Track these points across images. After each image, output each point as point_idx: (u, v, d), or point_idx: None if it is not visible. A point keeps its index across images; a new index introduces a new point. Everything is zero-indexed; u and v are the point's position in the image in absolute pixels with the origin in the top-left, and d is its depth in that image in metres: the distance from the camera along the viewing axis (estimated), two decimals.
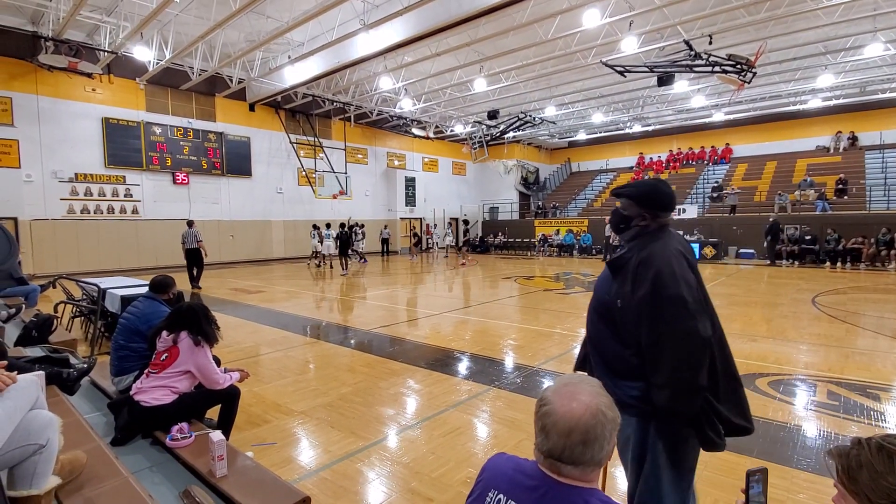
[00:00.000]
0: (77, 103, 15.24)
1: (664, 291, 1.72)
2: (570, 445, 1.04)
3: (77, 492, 2.01)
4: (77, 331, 6.87)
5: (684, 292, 1.71)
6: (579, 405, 1.06)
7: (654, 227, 1.88)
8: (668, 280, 1.72)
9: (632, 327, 1.80)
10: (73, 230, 15.21)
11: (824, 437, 3.53)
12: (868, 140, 22.35)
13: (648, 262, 1.77)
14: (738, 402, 1.83)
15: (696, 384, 1.69)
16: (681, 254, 1.81)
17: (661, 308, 1.71)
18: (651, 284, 1.74)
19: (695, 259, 1.89)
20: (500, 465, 1.22)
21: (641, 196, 1.89)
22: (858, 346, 6.12)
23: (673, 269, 1.74)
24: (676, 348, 1.70)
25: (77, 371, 3.37)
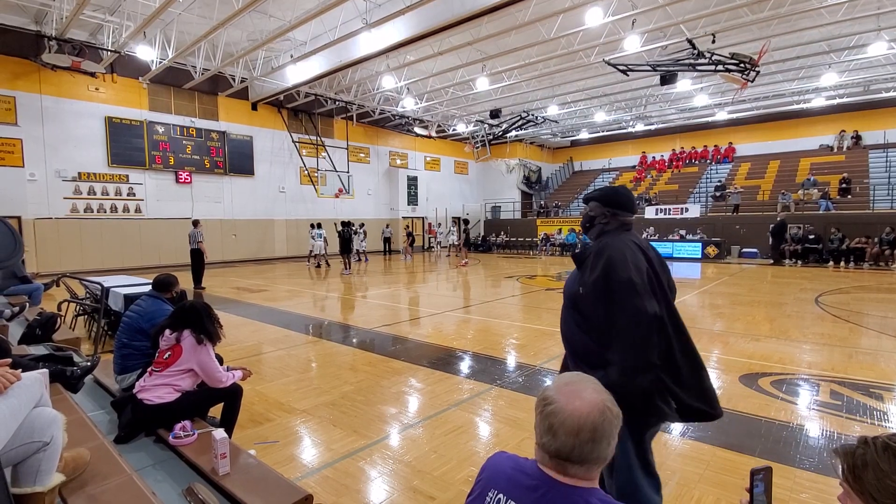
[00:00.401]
0: (80, 102, 15.29)
1: (614, 275, 1.87)
2: (580, 444, 1.03)
3: (81, 489, 2.02)
4: (80, 329, 6.90)
5: (633, 275, 1.85)
6: (585, 403, 1.06)
7: (614, 224, 2.10)
8: (619, 265, 1.88)
9: (591, 312, 1.96)
10: (77, 229, 15.27)
11: (827, 437, 3.52)
12: (872, 139, 22.26)
13: (602, 250, 1.97)
14: (701, 387, 1.93)
15: (646, 360, 1.80)
16: (636, 244, 1.98)
17: (612, 290, 1.87)
18: (603, 269, 1.91)
19: (656, 254, 2.08)
20: (500, 464, 1.22)
21: (604, 197, 2.14)
22: (862, 345, 6.10)
23: (624, 256, 1.91)
24: (626, 326, 1.82)
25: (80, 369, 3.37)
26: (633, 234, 2.09)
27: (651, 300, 1.84)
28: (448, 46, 14.59)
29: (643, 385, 1.80)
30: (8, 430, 1.67)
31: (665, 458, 3.24)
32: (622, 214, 2.10)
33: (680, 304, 9.26)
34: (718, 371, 5.10)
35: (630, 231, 2.10)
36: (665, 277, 2.02)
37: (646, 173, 27.62)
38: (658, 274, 1.97)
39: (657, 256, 2.06)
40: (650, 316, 1.81)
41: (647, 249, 2.03)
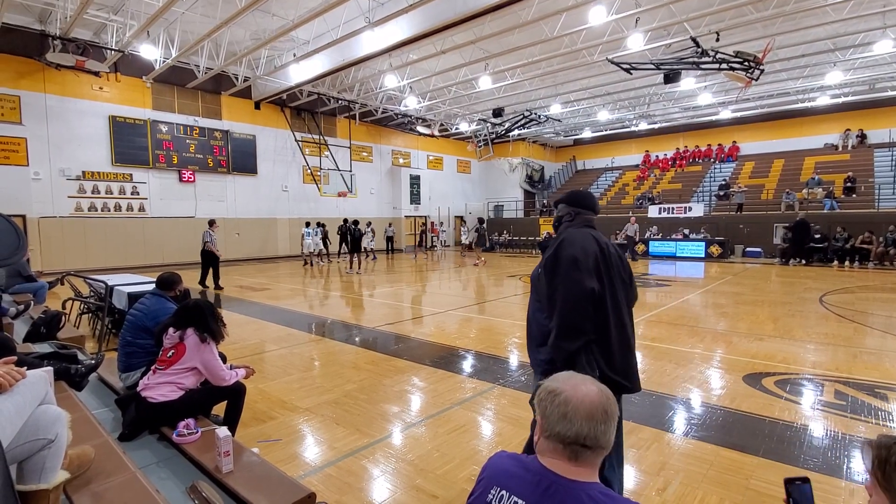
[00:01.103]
0: (84, 101, 15.34)
1: (562, 252, 2.15)
2: (594, 426, 1.09)
3: (85, 486, 2.03)
4: (85, 327, 6.93)
5: (577, 254, 2.11)
6: (591, 390, 1.14)
7: (578, 222, 2.33)
8: (568, 245, 2.16)
9: (543, 289, 2.21)
10: (81, 228, 15.33)
11: (831, 437, 3.51)
12: (877, 138, 22.13)
13: (560, 237, 2.26)
14: (626, 365, 2.20)
15: (579, 326, 2.04)
16: (593, 237, 2.21)
17: (558, 264, 2.14)
18: (555, 249, 2.20)
19: (616, 251, 2.30)
20: (501, 462, 1.24)
21: (569, 198, 2.43)
22: (867, 345, 6.07)
23: (575, 239, 2.17)
24: (565, 295, 2.08)
25: (85, 367, 3.39)
26: (594, 230, 2.31)
27: (591, 278, 2.08)
28: (451, 45, 14.58)
29: (573, 347, 2.03)
30: (14, 427, 1.68)
31: (668, 457, 3.23)
32: (585, 213, 2.36)
33: (683, 303, 9.24)
34: (722, 370, 5.09)
35: (591, 226, 2.34)
36: (620, 272, 2.25)
37: (649, 172, 27.54)
38: (609, 265, 2.18)
39: (616, 254, 2.29)
40: (587, 289, 2.05)
41: (606, 245, 2.24)
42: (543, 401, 1.16)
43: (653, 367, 5.26)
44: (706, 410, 4.06)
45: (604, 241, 2.24)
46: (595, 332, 2.08)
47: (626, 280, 2.30)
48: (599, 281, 2.11)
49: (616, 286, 2.19)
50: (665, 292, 10.81)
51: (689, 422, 3.84)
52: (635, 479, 2.99)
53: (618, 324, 2.16)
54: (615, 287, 2.19)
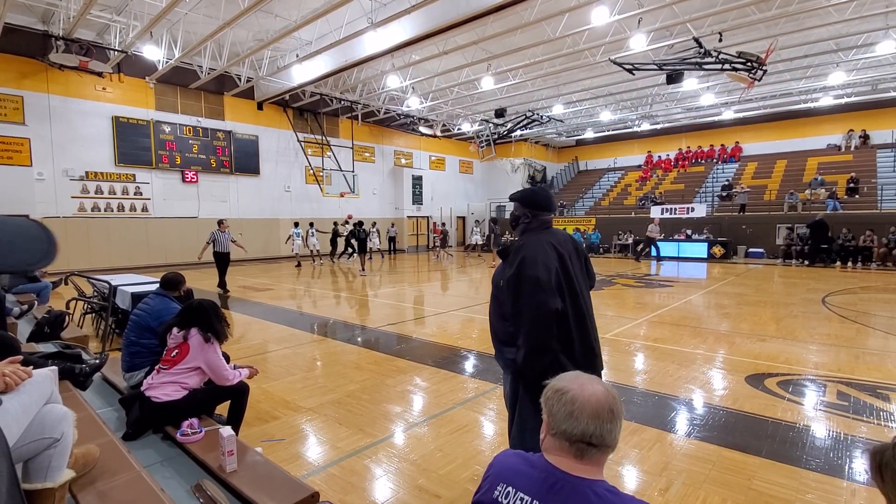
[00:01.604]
0: (87, 102, 15.40)
1: (524, 272, 2.17)
2: (600, 425, 1.10)
3: (90, 485, 2.04)
4: (88, 327, 6.96)
5: (540, 274, 2.14)
6: (597, 389, 1.15)
7: (535, 224, 2.35)
8: (530, 264, 2.17)
9: (507, 302, 2.28)
10: (84, 228, 15.38)
11: (833, 438, 3.50)
12: (880, 138, 22.06)
13: (520, 249, 2.25)
14: (590, 369, 2.22)
15: (545, 345, 2.13)
16: (551, 245, 2.25)
17: (522, 285, 2.17)
18: (517, 267, 2.21)
19: (574, 248, 2.37)
20: (508, 460, 1.25)
21: (524, 198, 2.38)
22: (869, 346, 6.06)
23: (536, 256, 2.19)
24: (531, 317, 2.14)
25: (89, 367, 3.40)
26: (552, 232, 2.36)
27: (554, 297, 2.14)
28: (453, 46, 14.59)
29: (542, 365, 2.12)
30: (20, 426, 1.69)
31: (671, 457, 3.23)
32: (542, 214, 2.35)
33: (686, 304, 9.23)
34: (724, 371, 5.09)
35: (549, 229, 2.37)
36: (578, 271, 2.33)
37: (651, 173, 27.49)
38: (569, 271, 2.25)
39: (574, 251, 2.35)
40: (551, 310, 2.11)
41: (562, 246, 2.29)
42: (550, 399, 1.17)
43: (655, 367, 5.26)
44: (708, 411, 4.06)
45: (561, 242, 2.31)
46: (560, 344, 2.19)
47: (590, 275, 2.46)
48: (562, 297, 2.19)
49: (578, 294, 2.28)
50: (668, 293, 10.80)
51: (691, 422, 3.85)
52: (638, 480, 2.99)
53: (580, 333, 2.26)
54: (577, 296, 2.27)
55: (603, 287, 11.66)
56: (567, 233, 2.52)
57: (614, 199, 26.53)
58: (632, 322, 7.54)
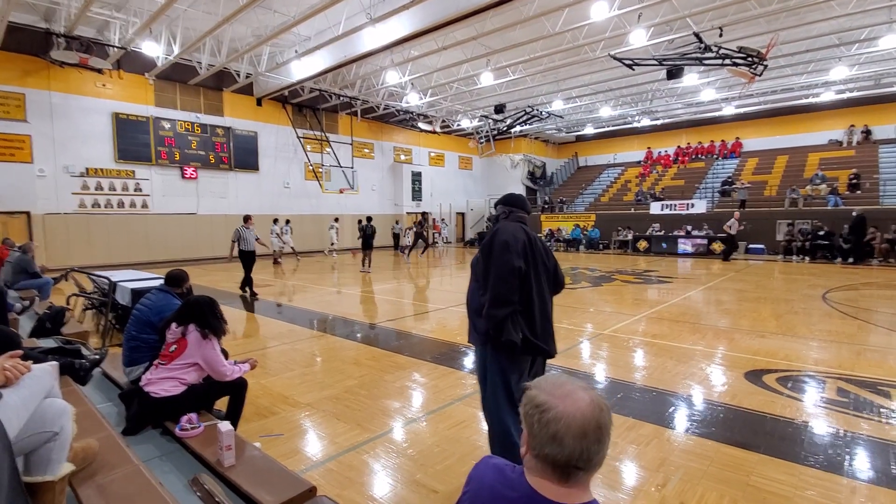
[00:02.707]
0: (88, 98, 15.38)
1: (496, 238, 2.61)
2: (587, 447, 0.98)
3: (90, 479, 2.05)
4: (89, 323, 6.96)
5: (509, 239, 2.57)
6: (583, 402, 1.00)
7: (512, 218, 2.77)
8: (502, 233, 2.62)
9: (480, 271, 2.66)
10: (85, 224, 15.39)
11: (833, 435, 3.51)
12: (882, 133, 21.98)
13: (496, 228, 2.70)
14: (545, 332, 2.65)
15: (507, 297, 2.47)
16: (523, 230, 2.67)
17: (493, 248, 2.59)
18: (491, 236, 2.66)
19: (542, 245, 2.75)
20: (487, 477, 1.15)
21: (506, 200, 2.89)
22: (870, 342, 6.07)
23: (508, 229, 2.64)
24: (497, 272, 2.52)
25: (89, 362, 3.42)
26: (525, 226, 2.76)
27: (518, 258, 2.52)
28: (452, 41, 14.54)
29: (502, 314, 2.45)
30: (20, 420, 1.71)
31: (668, 453, 3.24)
32: (518, 211, 2.81)
33: (685, 300, 9.23)
34: (723, 367, 5.10)
35: (524, 224, 2.77)
36: (544, 260, 2.71)
37: (651, 168, 27.45)
38: (535, 251, 2.65)
39: (543, 247, 2.75)
40: (515, 267, 2.50)
41: (533, 237, 2.70)
42: (530, 415, 1.03)
43: (654, 363, 5.26)
44: (707, 407, 4.06)
45: (532, 235, 2.70)
46: (520, 303, 2.53)
47: (549, 268, 2.76)
48: (525, 262, 2.57)
49: (539, 269, 2.66)
50: (667, 289, 10.80)
51: (689, 418, 3.85)
52: (635, 475, 3.00)
53: (539, 297, 2.61)
54: (538, 269, 2.66)
55: (602, 283, 11.66)
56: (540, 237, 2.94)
57: (614, 196, 26.50)
58: (631, 318, 7.54)
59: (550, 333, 2.69)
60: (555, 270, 2.80)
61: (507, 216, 2.79)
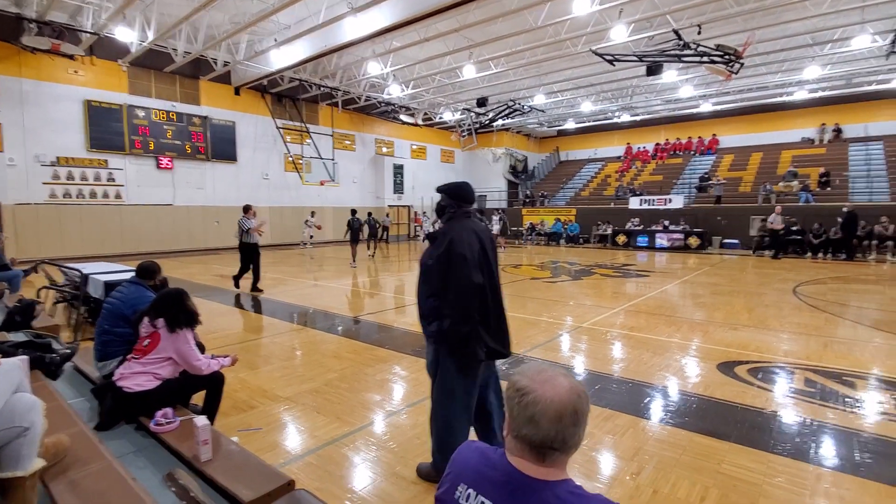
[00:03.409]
0: (59, 85, 14.87)
1: (454, 250, 2.54)
2: (563, 429, 1.03)
3: (61, 474, 2.01)
4: (60, 316, 6.78)
5: (466, 252, 2.53)
6: (561, 388, 1.06)
7: (459, 213, 2.74)
8: (457, 244, 2.55)
9: (434, 279, 2.63)
10: (56, 215, 14.94)
11: (800, 423, 3.63)
12: (852, 132, 22.66)
13: (447, 232, 2.64)
14: (502, 336, 2.70)
15: (469, 314, 2.50)
16: (473, 231, 2.65)
17: (451, 262, 2.53)
18: (447, 247, 2.58)
19: (489, 238, 2.74)
20: (469, 458, 1.21)
21: (450, 190, 2.77)
22: (837, 335, 6.28)
23: (462, 238, 2.58)
24: (458, 289, 2.51)
25: (60, 356, 3.33)
26: (473, 220, 2.74)
27: (477, 272, 2.53)
28: (434, 33, 14.45)
29: (465, 332, 2.49)
30: None
31: (643, 443, 3.31)
32: (465, 206, 2.76)
33: (662, 293, 9.41)
34: (697, 359, 5.22)
35: (471, 217, 2.76)
36: (492, 258, 2.71)
37: (631, 164, 27.81)
38: (487, 254, 2.65)
39: (489, 241, 2.75)
40: (475, 284, 2.51)
41: (482, 234, 2.69)
42: (511, 399, 1.10)
43: (631, 355, 5.36)
44: (681, 398, 4.16)
45: (481, 231, 2.71)
46: (479, 313, 2.57)
47: (495, 256, 2.80)
48: (482, 273, 2.59)
49: (494, 273, 2.68)
50: (644, 283, 10.99)
51: (664, 409, 3.94)
52: (611, 465, 3.07)
53: (495, 306, 2.67)
54: (493, 275, 2.68)
55: (581, 277, 11.81)
56: (483, 225, 2.88)
57: (594, 190, 26.80)
58: (609, 311, 7.66)
59: (505, 332, 2.74)
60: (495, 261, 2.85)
61: (454, 211, 2.75)
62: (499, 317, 2.69)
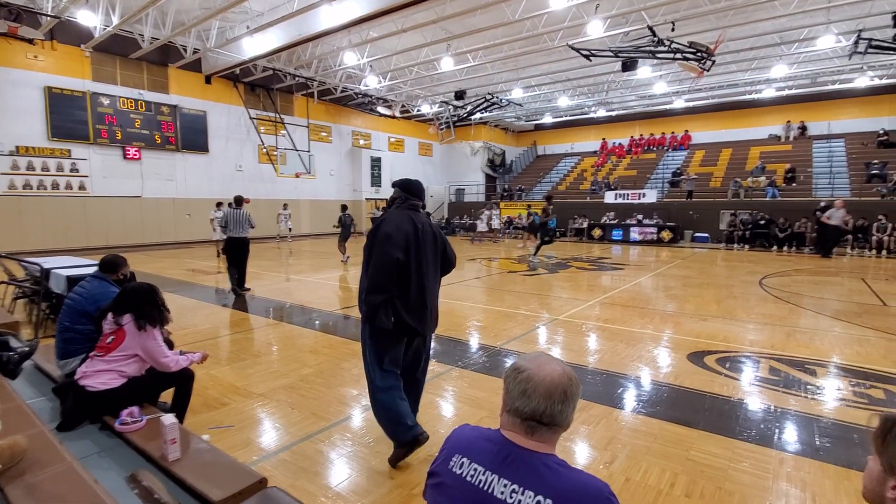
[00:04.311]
0: (17, 71, 14.21)
1: (381, 229, 2.84)
2: (551, 405, 1.14)
3: (18, 478, 1.92)
4: (20, 312, 6.51)
5: (392, 231, 2.80)
6: (555, 370, 1.17)
7: (406, 205, 3.01)
8: (386, 224, 2.85)
9: (364, 260, 2.91)
10: (16, 207, 14.32)
11: (765, 410, 3.75)
12: (816, 130, 23.45)
13: (384, 217, 2.93)
14: (420, 315, 2.91)
15: (383, 287, 2.76)
16: (410, 219, 2.90)
17: (375, 239, 2.83)
18: (376, 226, 2.89)
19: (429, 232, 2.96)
20: (464, 433, 1.30)
21: (402, 185, 3.08)
22: (800, 325, 6.50)
23: (393, 220, 2.87)
24: (377, 262, 2.77)
25: (18, 354, 3.19)
26: (416, 212, 2.99)
27: (398, 251, 2.77)
28: (412, 24, 14.31)
29: (378, 301, 2.75)
30: None
31: (616, 432, 3.37)
32: (412, 199, 3.03)
33: (635, 286, 9.58)
34: (668, 350, 5.33)
35: (415, 210, 3.01)
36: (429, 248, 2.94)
37: (606, 158, 28.17)
38: (419, 239, 2.87)
39: (432, 233, 2.98)
40: (393, 259, 2.74)
41: (421, 223, 2.93)
42: (508, 377, 1.21)
43: (605, 347, 5.45)
44: (653, 388, 4.25)
45: (420, 223, 2.92)
46: (398, 290, 2.81)
47: (437, 252, 3.02)
48: (406, 253, 2.80)
49: (423, 258, 2.89)
50: (618, 276, 11.18)
51: (636, 399, 4.02)
52: (586, 454, 3.11)
53: (418, 284, 2.87)
54: (421, 259, 2.88)
55: (558, 270, 11.93)
56: (431, 220, 3.12)
57: (571, 184, 27.06)
58: (584, 304, 7.77)
59: (426, 317, 2.94)
60: (444, 249, 3.08)
61: (401, 203, 3.02)
62: (422, 297, 2.88)
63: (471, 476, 1.17)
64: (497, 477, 1.14)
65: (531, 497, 1.09)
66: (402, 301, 2.82)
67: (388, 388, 2.91)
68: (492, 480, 1.14)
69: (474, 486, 1.16)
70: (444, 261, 3.10)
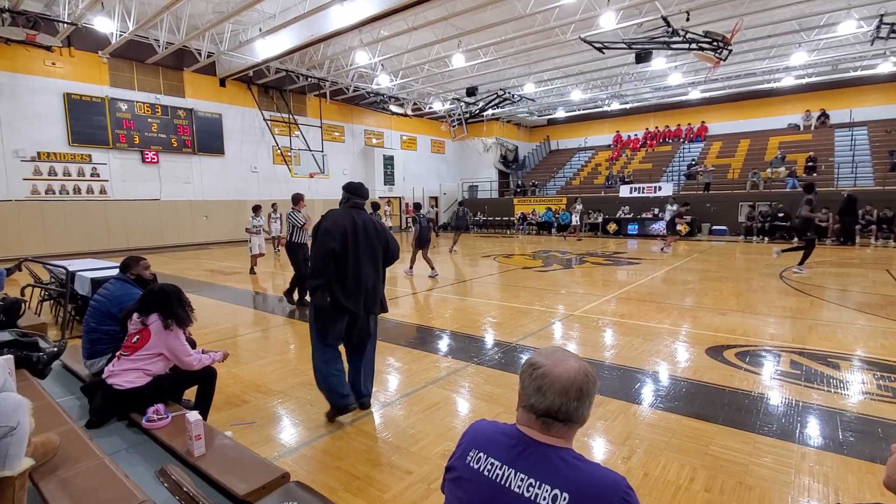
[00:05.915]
0: (37, 78, 14.56)
1: (321, 224, 3.34)
2: (567, 402, 1.14)
3: (52, 473, 2.00)
4: (47, 314, 6.71)
5: (328, 225, 3.29)
6: (571, 367, 1.16)
7: (350, 203, 3.48)
8: (325, 219, 3.34)
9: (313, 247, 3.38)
10: (38, 211, 14.70)
11: (786, 405, 3.70)
12: (838, 118, 22.86)
13: (325, 214, 3.38)
14: (356, 298, 3.36)
15: (320, 272, 3.26)
16: (350, 216, 3.38)
17: (317, 232, 3.32)
18: (319, 222, 3.37)
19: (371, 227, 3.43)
20: (481, 428, 1.30)
21: (346, 187, 3.53)
22: (822, 318, 6.38)
23: (332, 217, 3.34)
24: (317, 252, 3.27)
25: (47, 354, 3.29)
26: (358, 210, 3.47)
27: (334, 241, 3.24)
28: (423, 21, 14.31)
29: (315, 284, 3.27)
30: None
31: (634, 427, 3.36)
32: (354, 198, 3.50)
33: (652, 280, 9.49)
34: (686, 344, 5.28)
35: (359, 209, 3.49)
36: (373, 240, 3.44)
37: (621, 152, 27.87)
38: (356, 233, 3.34)
39: (374, 229, 3.45)
40: (328, 248, 3.22)
41: (362, 220, 3.40)
42: (524, 373, 1.21)
43: (622, 342, 5.42)
44: (671, 383, 4.22)
45: (360, 219, 3.39)
46: (336, 276, 3.29)
47: (379, 245, 3.49)
48: (342, 244, 3.27)
49: (359, 249, 3.35)
50: (635, 270, 11.08)
51: (654, 394, 4.00)
52: (603, 449, 3.11)
53: (355, 270, 3.34)
54: (358, 249, 3.35)
55: (573, 265, 11.87)
56: (373, 218, 3.53)
57: (585, 179, 26.85)
58: (600, 299, 7.72)
59: (362, 300, 3.39)
60: (387, 245, 3.55)
61: (345, 202, 3.48)
62: (357, 282, 3.35)
63: (487, 470, 1.18)
64: (514, 471, 1.15)
65: (548, 491, 1.10)
66: (340, 285, 3.30)
67: (327, 361, 3.39)
68: (508, 474, 1.15)
69: (491, 480, 1.17)
70: (388, 252, 3.57)
